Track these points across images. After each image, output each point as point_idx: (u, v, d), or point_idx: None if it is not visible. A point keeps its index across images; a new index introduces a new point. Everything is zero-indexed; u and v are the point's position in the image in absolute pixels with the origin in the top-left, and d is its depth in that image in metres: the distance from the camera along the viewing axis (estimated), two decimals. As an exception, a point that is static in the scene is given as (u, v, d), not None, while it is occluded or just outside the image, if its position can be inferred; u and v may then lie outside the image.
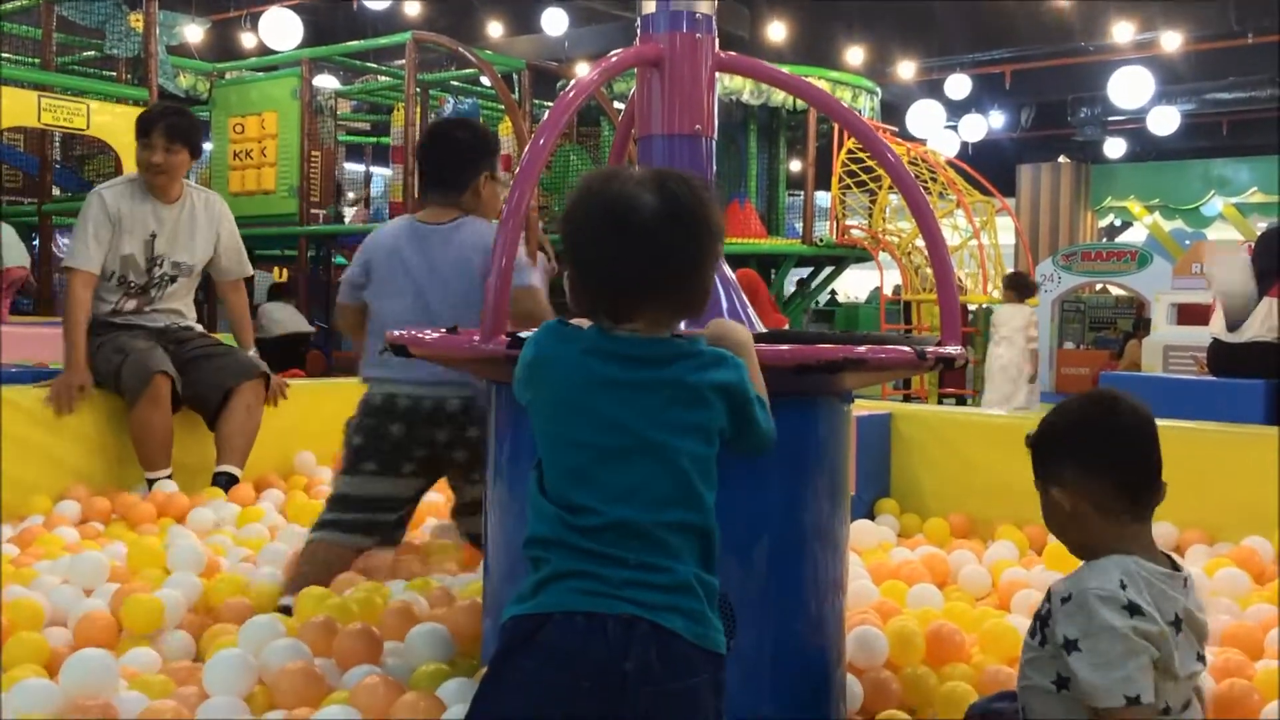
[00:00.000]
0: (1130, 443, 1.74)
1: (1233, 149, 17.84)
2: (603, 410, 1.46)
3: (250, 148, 9.85)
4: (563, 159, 10.43)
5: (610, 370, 1.47)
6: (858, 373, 1.93)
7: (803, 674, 1.97)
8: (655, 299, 1.49)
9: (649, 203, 1.47)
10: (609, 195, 1.49)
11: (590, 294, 1.51)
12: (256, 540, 3.26)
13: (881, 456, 4.05)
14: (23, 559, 3.02)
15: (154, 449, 3.82)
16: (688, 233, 1.49)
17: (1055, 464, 1.75)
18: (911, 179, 2.28)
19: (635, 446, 1.45)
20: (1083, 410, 1.78)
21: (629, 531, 1.43)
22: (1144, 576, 1.68)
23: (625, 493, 1.44)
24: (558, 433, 1.49)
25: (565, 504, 1.46)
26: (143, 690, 2.03)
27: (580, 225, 1.50)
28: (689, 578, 1.45)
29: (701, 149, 2.17)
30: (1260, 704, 2.11)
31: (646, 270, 1.47)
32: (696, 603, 1.44)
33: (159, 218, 4.02)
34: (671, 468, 1.46)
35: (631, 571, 1.42)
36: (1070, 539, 1.79)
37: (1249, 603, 2.74)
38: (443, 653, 2.20)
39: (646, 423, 1.46)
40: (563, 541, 1.45)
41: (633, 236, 1.46)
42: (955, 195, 10.59)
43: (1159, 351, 9.63)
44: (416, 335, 2.10)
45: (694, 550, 1.48)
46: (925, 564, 3.07)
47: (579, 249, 1.50)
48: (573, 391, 1.48)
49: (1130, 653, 1.61)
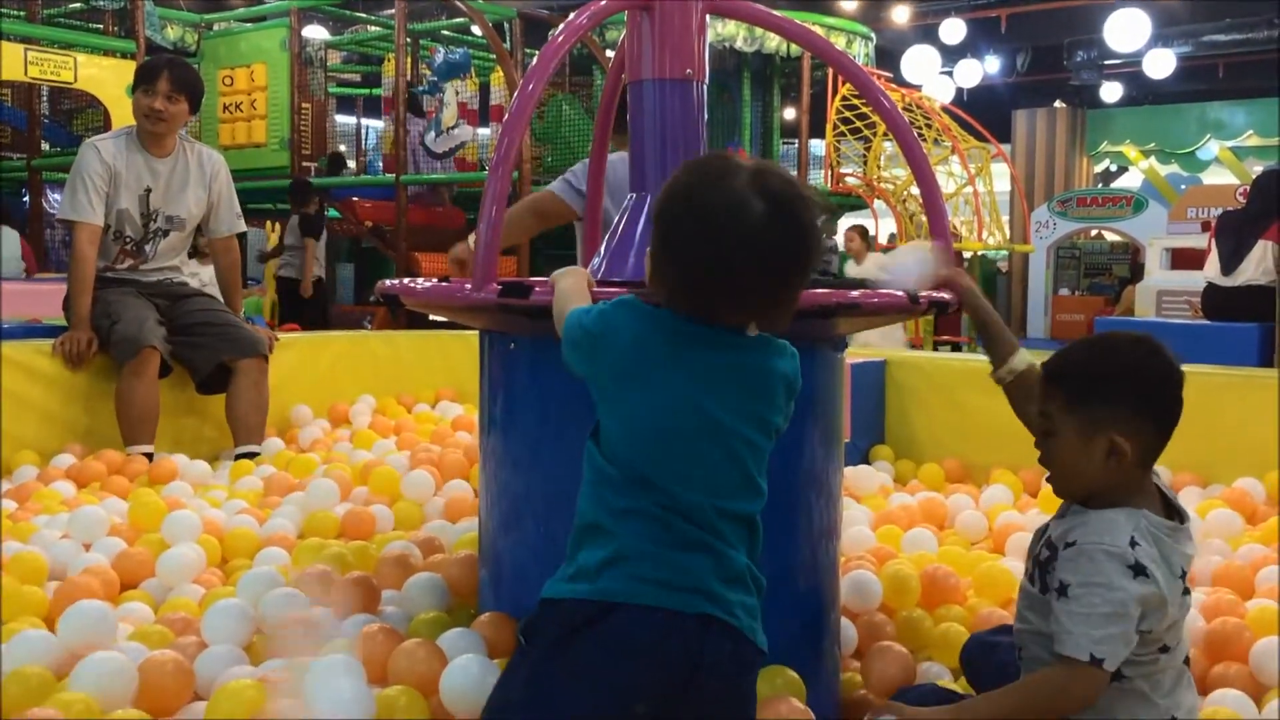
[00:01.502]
0: (1178, 392, 1.71)
1: (1229, 92, 17.74)
2: (676, 389, 1.44)
3: (240, 100, 9.79)
4: (555, 108, 10.37)
5: (686, 351, 1.45)
6: (851, 318, 1.93)
7: (796, 618, 1.98)
8: (745, 310, 1.46)
9: (760, 215, 1.40)
10: (719, 195, 1.42)
11: (675, 286, 1.46)
12: (251, 493, 3.27)
13: (876, 403, 4.06)
14: (21, 514, 3.03)
15: (136, 422, 3.74)
16: (791, 252, 1.44)
17: (1103, 407, 1.68)
18: (906, 124, 2.27)
19: (705, 430, 1.44)
20: (1137, 355, 1.71)
21: (697, 517, 1.42)
22: (1153, 533, 1.66)
23: (688, 474, 1.43)
24: (627, 408, 1.46)
25: (635, 478, 1.43)
26: (141, 641, 2.05)
27: (681, 218, 1.44)
28: (744, 571, 1.45)
29: (693, 94, 2.15)
30: (1251, 641, 2.13)
31: (742, 283, 1.43)
32: (751, 598, 1.45)
33: (153, 171, 3.97)
34: (735, 455, 1.45)
35: (703, 557, 1.41)
36: (1080, 484, 1.73)
37: (1240, 543, 2.76)
38: (440, 602, 2.21)
39: (716, 406, 1.44)
40: (635, 512, 1.42)
41: (737, 247, 1.41)
42: (950, 142, 10.55)
43: (1153, 296, 9.63)
44: (408, 285, 2.09)
45: (746, 543, 1.48)
46: (922, 509, 3.09)
47: (674, 240, 1.45)
48: (645, 367, 1.45)
49: (1116, 617, 1.60)
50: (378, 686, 1.80)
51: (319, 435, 4.09)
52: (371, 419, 4.33)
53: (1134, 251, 13.87)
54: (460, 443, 3.81)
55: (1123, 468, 1.69)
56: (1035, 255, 13.70)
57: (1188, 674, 1.78)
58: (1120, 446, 1.67)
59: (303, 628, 2.04)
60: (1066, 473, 1.75)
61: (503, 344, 2.03)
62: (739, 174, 1.43)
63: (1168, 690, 1.72)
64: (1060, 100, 18.57)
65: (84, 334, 3.80)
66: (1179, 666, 1.75)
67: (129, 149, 3.94)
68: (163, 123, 3.92)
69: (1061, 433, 1.72)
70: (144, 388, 3.76)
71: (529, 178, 8.46)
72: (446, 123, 9.81)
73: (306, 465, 3.56)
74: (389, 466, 3.34)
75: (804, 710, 1.75)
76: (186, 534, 2.69)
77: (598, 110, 2.55)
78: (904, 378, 4.03)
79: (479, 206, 1.94)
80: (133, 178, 3.93)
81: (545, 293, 1.79)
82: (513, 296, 1.82)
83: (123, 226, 3.95)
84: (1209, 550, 2.72)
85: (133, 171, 3.93)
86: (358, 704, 1.67)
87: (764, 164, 1.48)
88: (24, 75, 6.29)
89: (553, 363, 1.90)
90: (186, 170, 4.04)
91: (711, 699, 1.40)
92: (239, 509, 3.05)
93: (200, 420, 4.07)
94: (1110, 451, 1.68)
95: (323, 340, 4.80)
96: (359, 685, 1.71)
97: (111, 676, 1.79)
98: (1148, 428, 1.70)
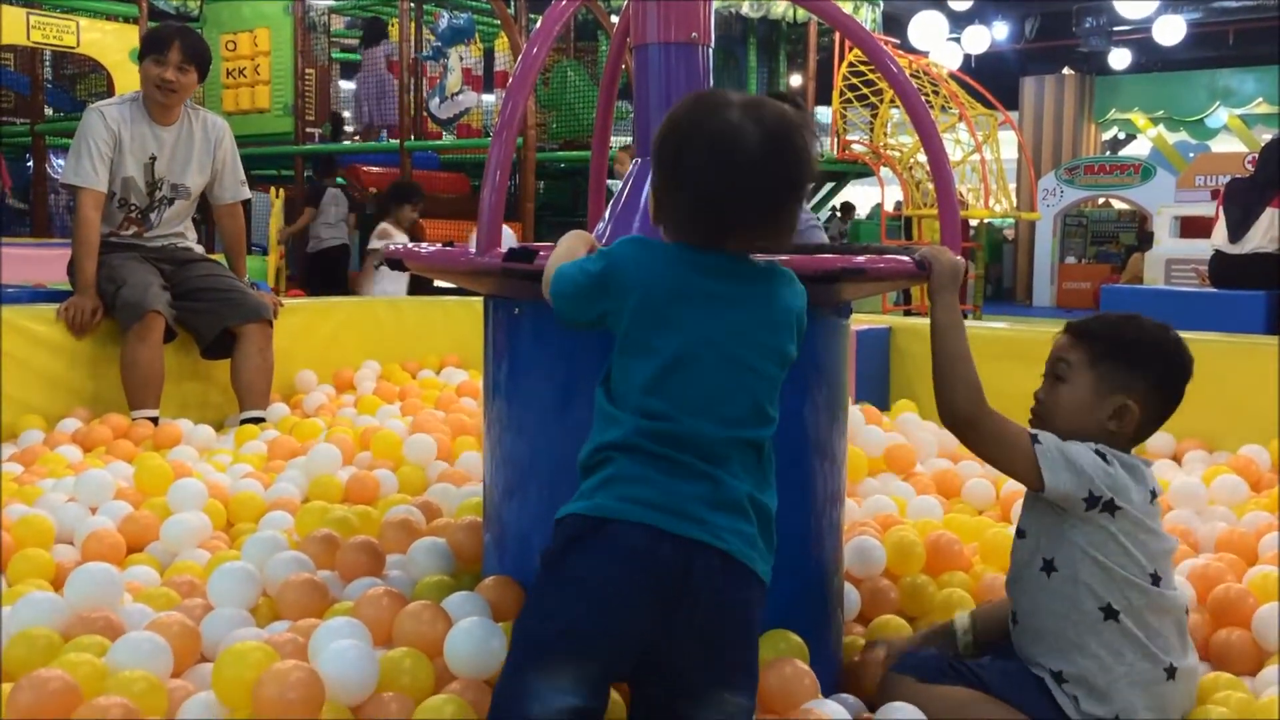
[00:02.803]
0: (1184, 387, 1.84)
1: (1239, 59, 17.61)
2: (685, 319, 1.48)
3: (243, 65, 9.74)
4: (560, 75, 10.32)
5: (697, 281, 1.49)
6: (856, 283, 1.92)
7: (800, 582, 1.99)
8: (747, 229, 1.51)
9: (755, 138, 1.47)
10: (715, 125, 1.48)
11: (680, 216, 1.51)
12: (256, 458, 3.28)
13: (881, 370, 4.06)
14: (26, 477, 3.04)
15: (140, 387, 3.75)
16: (788, 169, 1.50)
17: (1128, 372, 1.79)
18: (913, 89, 2.24)
19: (714, 359, 1.48)
20: (1168, 339, 1.84)
21: (699, 443, 1.46)
22: (1119, 457, 1.78)
23: (699, 404, 1.47)
24: (635, 340, 1.50)
25: (638, 410, 1.48)
26: (147, 603, 2.06)
27: (680, 149, 1.50)
28: (744, 498, 1.48)
29: (698, 58, 2.14)
30: (1254, 607, 2.13)
31: (745, 203, 1.48)
32: (749, 525, 1.48)
33: (158, 139, 3.95)
34: (745, 384, 1.49)
35: (697, 485, 1.46)
36: (1069, 431, 1.81)
37: (1245, 510, 2.76)
38: (444, 566, 2.22)
39: (726, 336, 1.49)
40: (635, 447, 1.47)
41: (736, 170, 1.47)
42: (957, 109, 10.48)
43: (1162, 265, 9.61)
44: (412, 249, 2.09)
45: (753, 469, 1.51)
46: (935, 480, 3.09)
47: (675, 171, 1.50)
48: (655, 299, 1.49)
49: (1071, 456, 1.74)
50: (382, 649, 1.81)
51: (323, 401, 4.10)
52: (376, 385, 4.33)
53: (1141, 219, 13.82)
54: (465, 409, 3.82)
55: (1119, 431, 1.80)
56: (1042, 223, 13.67)
57: (1189, 638, 1.81)
58: (1130, 410, 1.79)
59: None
60: (1065, 417, 1.83)
61: (507, 309, 2.03)
62: (732, 104, 1.50)
63: (1168, 645, 1.75)
64: (1068, 67, 18.44)
65: (89, 301, 3.79)
66: (1178, 618, 1.78)
67: (134, 116, 3.92)
68: (174, 94, 3.91)
69: (1074, 383, 1.82)
70: (149, 352, 3.76)
71: (534, 144, 8.42)
72: (451, 89, 9.76)
73: (311, 430, 3.57)
74: (391, 430, 3.35)
75: (807, 671, 1.76)
76: (192, 500, 2.70)
77: (602, 76, 2.53)
78: (909, 344, 4.02)
79: (483, 172, 1.93)
80: (138, 145, 3.92)
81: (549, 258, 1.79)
82: (517, 261, 1.81)
83: (128, 194, 3.94)
84: (1213, 517, 2.73)
85: (138, 139, 3.91)
86: (362, 666, 1.68)
87: (753, 96, 1.55)
88: (26, 40, 6.26)
89: (557, 328, 1.90)
90: (191, 138, 4.02)
91: (704, 616, 1.44)
92: (244, 473, 3.06)
93: (205, 385, 4.07)
94: (1117, 412, 1.79)
95: (328, 306, 4.80)
96: (363, 647, 1.72)
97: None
98: (1156, 404, 1.82)
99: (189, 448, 3.40)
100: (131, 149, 3.90)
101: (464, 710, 1.64)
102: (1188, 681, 1.78)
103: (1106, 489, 1.73)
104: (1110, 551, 1.74)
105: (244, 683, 1.63)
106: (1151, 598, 1.75)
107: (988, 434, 1.81)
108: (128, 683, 1.63)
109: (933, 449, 3.32)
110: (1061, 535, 1.78)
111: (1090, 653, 1.74)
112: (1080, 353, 1.82)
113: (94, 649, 1.80)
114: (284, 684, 1.59)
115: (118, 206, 3.94)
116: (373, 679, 1.70)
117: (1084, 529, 1.75)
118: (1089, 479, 1.73)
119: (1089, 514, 1.75)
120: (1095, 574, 1.75)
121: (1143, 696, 1.73)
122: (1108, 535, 1.75)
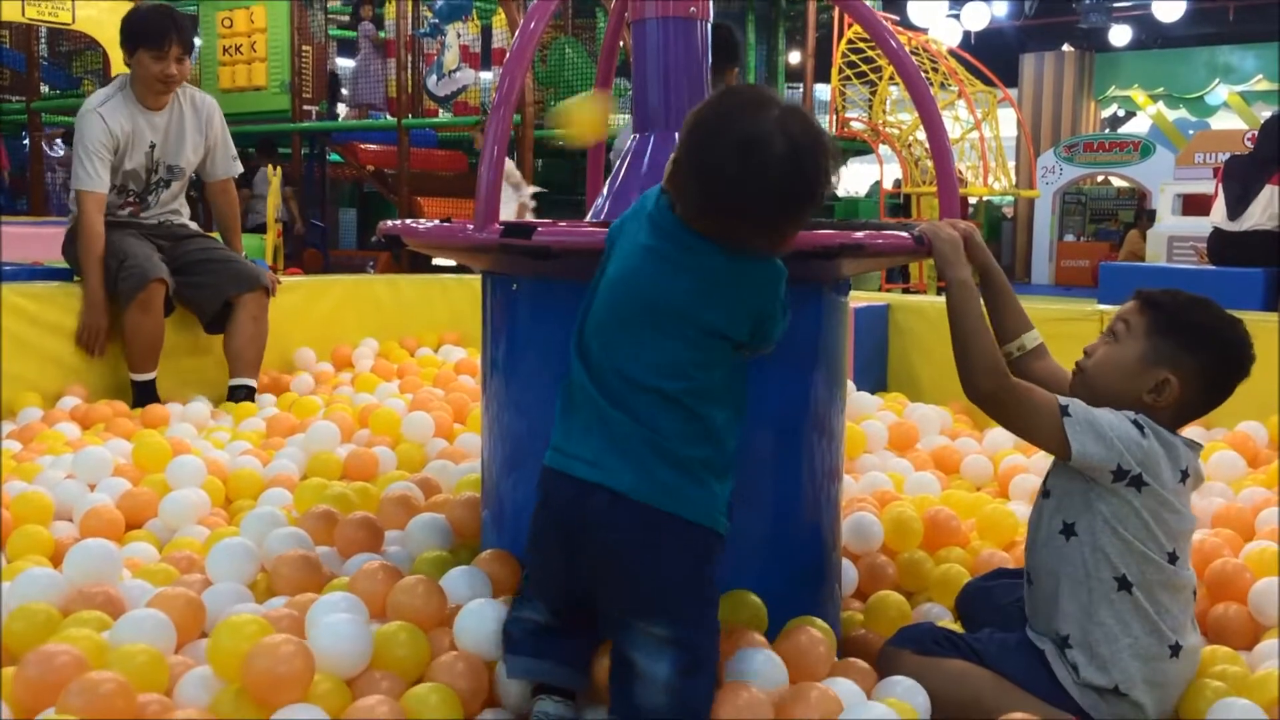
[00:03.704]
0: (1235, 383, 1.84)
1: (1238, 36, 17.51)
2: (632, 266, 1.58)
3: (240, 42, 9.69)
4: (558, 52, 10.27)
5: (658, 242, 1.57)
6: (855, 259, 1.92)
7: (798, 558, 2.00)
8: (738, 232, 1.55)
9: (779, 151, 1.50)
10: (746, 125, 1.51)
11: (683, 194, 1.56)
12: (255, 435, 3.28)
13: (880, 347, 4.06)
14: (25, 454, 3.04)
15: (142, 352, 3.84)
16: (796, 192, 1.53)
17: (1182, 350, 1.78)
18: (913, 65, 2.24)
19: (636, 308, 1.57)
20: (1236, 331, 1.82)
21: (611, 386, 1.56)
22: (1152, 429, 1.76)
23: (617, 349, 1.57)
24: (603, 292, 1.60)
25: (577, 351, 1.61)
26: (146, 578, 2.06)
27: (706, 138, 1.53)
28: (652, 443, 1.55)
29: (696, 32, 2.13)
30: (1250, 582, 2.14)
31: (745, 209, 1.53)
32: (663, 469, 1.55)
33: (154, 126, 3.96)
34: (664, 340, 1.56)
35: (602, 428, 1.56)
36: (1104, 391, 1.81)
37: (1242, 486, 2.77)
38: (443, 542, 2.22)
39: (662, 292, 1.55)
40: (566, 389, 1.61)
41: (751, 176, 1.50)
42: (957, 86, 10.44)
43: (1163, 242, 9.59)
44: (410, 226, 2.08)
45: (676, 421, 1.56)
46: (933, 457, 3.10)
47: (695, 155, 1.54)
48: (620, 246, 1.61)
49: (1099, 425, 1.72)
50: (379, 623, 1.81)
51: (310, 385, 4.09)
52: (374, 362, 4.33)
53: (1140, 197, 13.79)
54: (463, 386, 3.82)
55: (1156, 405, 1.79)
56: (1041, 201, 13.63)
57: (1194, 618, 1.82)
58: (1171, 386, 1.78)
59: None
60: (1107, 377, 1.82)
61: (505, 286, 2.03)
62: (771, 108, 1.53)
63: (1176, 623, 1.76)
64: (1068, 44, 18.35)
65: (100, 318, 3.82)
66: (1187, 597, 1.79)
67: (129, 108, 3.91)
68: (175, 85, 3.92)
69: (1125, 346, 1.81)
70: (150, 319, 3.81)
71: (531, 121, 8.40)
72: (448, 66, 9.72)
73: (309, 407, 3.57)
74: (390, 408, 3.35)
75: (822, 639, 1.79)
76: (190, 477, 2.70)
77: (600, 53, 2.52)
78: (907, 321, 4.02)
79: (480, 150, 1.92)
80: (139, 138, 3.92)
81: (547, 233, 1.79)
82: (515, 237, 1.81)
83: (127, 183, 3.96)
84: (1211, 493, 2.73)
85: (138, 132, 3.92)
86: (356, 639, 1.69)
87: (795, 106, 1.58)
88: (21, 16, 6.23)
89: (555, 304, 1.90)
90: (183, 119, 4.02)
91: (599, 553, 1.57)
92: (242, 450, 3.06)
93: (204, 361, 4.08)
94: (1158, 386, 1.78)
95: (325, 284, 4.79)
96: (358, 621, 1.72)
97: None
98: (1200, 389, 1.80)
99: (187, 425, 3.40)
100: (134, 143, 3.91)
101: (448, 699, 1.65)
102: (1189, 660, 1.79)
103: (1136, 463, 1.72)
104: (1132, 525, 1.74)
105: (239, 655, 1.63)
106: (1166, 575, 1.75)
107: (1012, 407, 1.79)
108: (128, 657, 1.64)
109: (934, 427, 3.32)
110: (1086, 502, 1.77)
111: (1099, 620, 1.74)
112: (1142, 318, 1.82)
113: (93, 624, 1.80)
114: (274, 657, 1.59)
115: (117, 194, 3.94)
116: (366, 652, 1.70)
117: (1109, 500, 1.75)
118: (1119, 452, 1.72)
119: (1115, 485, 1.74)
120: (1114, 544, 1.74)
121: (1143, 670, 1.74)
122: (1131, 510, 1.74)
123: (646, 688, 1.55)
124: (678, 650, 1.55)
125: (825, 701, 1.65)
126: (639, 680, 1.55)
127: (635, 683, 1.55)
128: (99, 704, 1.52)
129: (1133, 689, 1.73)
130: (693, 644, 1.56)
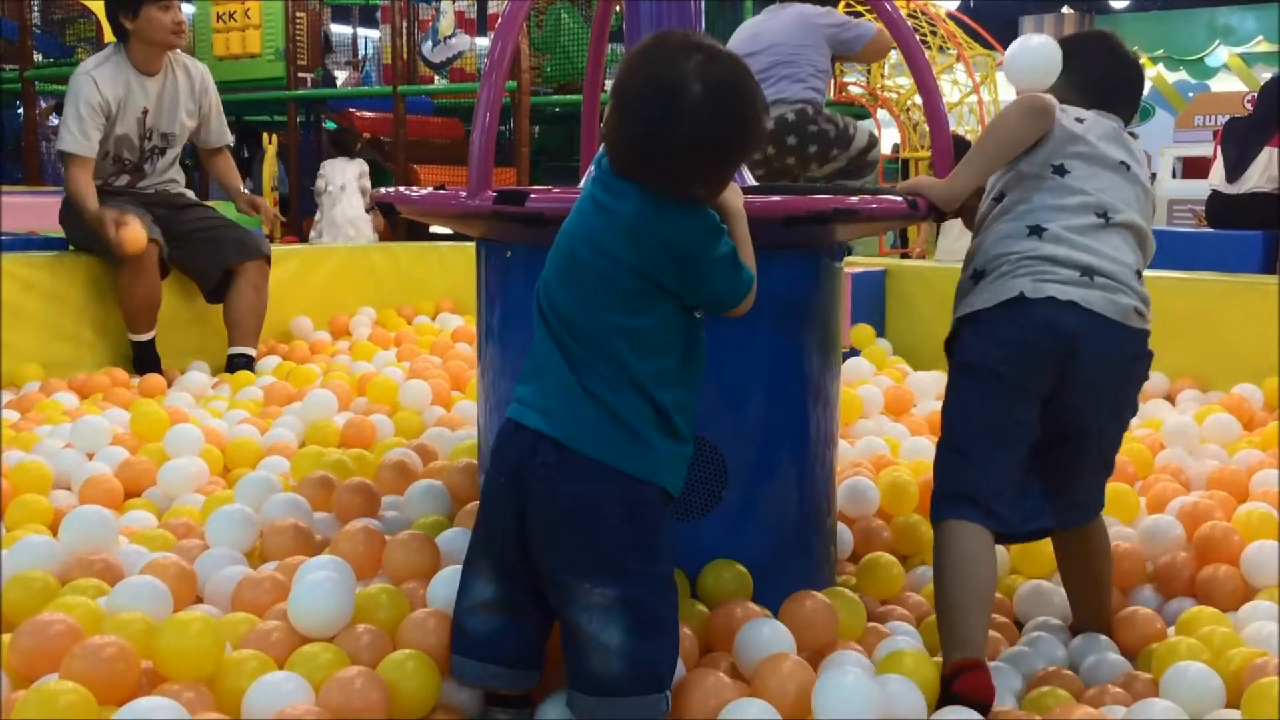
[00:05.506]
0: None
1: (1239, -4, 17.43)
2: (577, 224, 1.57)
3: (233, 9, 9.60)
4: (554, 18, 10.19)
5: (594, 189, 1.57)
6: (849, 224, 1.92)
7: (793, 522, 2.01)
8: (660, 178, 1.52)
9: (696, 96, 1.48)
10: (665, 70, 1.50)
11: (611, 135, 1.54)
12: (252, 403, 3.29)
13: (877, 312, 4.06)
14: (23, 424, 3.05)
15: (138, 313, 3.84)
16: (714, 137, 1.50)
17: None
18: (907, 27, 2.23)
19: (585, 255, 1.54)
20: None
21: (566, 333, 1.54)
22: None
23: (569, 296, 1.55)
24: (555, 243, 1.60)
25: (539, 309, 1.58)
26: (143, 544, 2.07)
27: (627, 82, 1.53)
28: (587, 389, 1.52)
29: (689, 2, 2.12)
30: (1241, 545, 2.15)
31: (660, 155, 1.50)
32: (600, 416, 1.51)
33: (147, 92, 3.93)
34: (597, 286, 1.53)
35: (553, 374, 1.54)
36: None
37: (1237, 448, 2.78)
38: (441, 507, 2.23)
39: (590, 241, 1.54)
40: (537, 344, 1.58)
41: (665, 122, 1.48)
42: (955, 49, 10.38)
43: (1163, 205, 9.55)
44: (404, 193, 2.08)
45: (606, 368, 1.52)
46: (929, 422, 3.10)
47: (618, 99, 1.53)
48: (575, 207, 1.60)
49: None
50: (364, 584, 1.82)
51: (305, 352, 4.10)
52: (372, 331, 4.34)
53: (1139, 160, 13.74)
54: (460, 354, 3.83)
55: None
56: (1039, 165, 13.58)
57: (1122, 232, 1.89)
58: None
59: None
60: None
61: (499, 253, 2.03)
62: (694, 53, 1.51)
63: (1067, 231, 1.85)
64: (1068, 6, 18.24)
65: (111, 211, 3.71)
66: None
67: (122, 72, 3.88)
68: (181, 35, 3.89)
69: None
70: (144, 281, 3.81)
71: (527, 88, 8.35)
72: (443, 32, 9.65)
73: (307, 376, 3.57)
74: (387, 376, 3.35)
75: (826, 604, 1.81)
76: (188, 446, 2.71)
77: (594, 18, 2.51)
78: (904, 287, 4.02)
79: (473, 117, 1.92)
80: (131, 103, 3.90)
81: (540, 200, 1.78)
82: (508, 204, 1.80)
83: (120, 150, 3.93)
84: (1206, 455, 2.75)
85: (131, 96, 3.90)
86: (336, 599, 1.69)
87: (722, 51, 1.54)
88: (13, -16, 6.18)
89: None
90: (176, 86, 4.00)
91: (538, 506, 1.52)
92: (240, 419, 3.07)
93: (204, 331, 4.08)
94: None
95: (322, 252, 4.79)
96: (339, 580, 1.73)
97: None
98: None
99: (185, 394, 3.41)
100: (127, 108, 3.88)
101: (424, 664, 1.61)
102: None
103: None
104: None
105: (185, 654, 1.59)
106: (1049, 185, 1.89)
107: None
108: (124, 624, 1.64)
109: (930, 392, 3.33)
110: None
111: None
112: None
113: (90, 591, 1.81)
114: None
115: (111, 162, 3.93)
116: (347, 612, 1.71)
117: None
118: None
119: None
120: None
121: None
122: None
123: (601, 655, 1.49)
124: (628, 611, 1.49)
125: (800, 671, 1.63)
126: (593, 648, 1.49)
127: (589, 651, 1.49)
128: (102, 668, 1.53)
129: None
130: (644, 604, 1.50)
